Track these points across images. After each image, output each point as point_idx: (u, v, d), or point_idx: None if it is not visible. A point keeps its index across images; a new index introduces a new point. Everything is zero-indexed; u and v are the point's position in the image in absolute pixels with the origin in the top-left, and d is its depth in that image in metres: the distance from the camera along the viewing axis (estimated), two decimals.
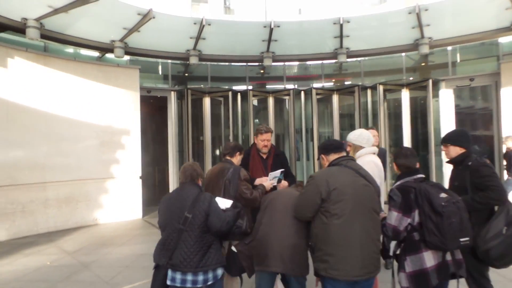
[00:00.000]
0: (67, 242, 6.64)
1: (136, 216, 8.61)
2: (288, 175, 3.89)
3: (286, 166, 4.07)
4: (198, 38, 8.06)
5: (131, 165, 8.64)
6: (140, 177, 8.80)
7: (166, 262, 2.65)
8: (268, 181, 3.58)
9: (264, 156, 4.05)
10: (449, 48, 9.47)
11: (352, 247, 2.40)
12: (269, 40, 8.29)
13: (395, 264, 2.74)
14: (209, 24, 7.50)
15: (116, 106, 8.47)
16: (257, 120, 11.01)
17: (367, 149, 3.40)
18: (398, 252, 2.73)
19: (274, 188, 3.61)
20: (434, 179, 9.10)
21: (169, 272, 2.67)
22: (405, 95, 9.88)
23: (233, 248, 3.02)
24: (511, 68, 8.40)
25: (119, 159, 8.47)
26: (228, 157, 3.44)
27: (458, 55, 9.78)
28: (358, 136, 3.45)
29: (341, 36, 8.13)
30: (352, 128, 10.65)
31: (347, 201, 2.43)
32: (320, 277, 2.56)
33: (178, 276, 2.62)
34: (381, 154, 4.72)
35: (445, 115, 9.47)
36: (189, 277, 2.60)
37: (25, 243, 6.61)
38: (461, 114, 9.83)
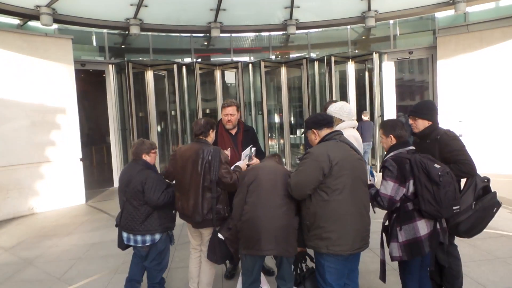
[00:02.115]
0: (1, 236, 5.89)
1: (79, 201, 7.92)
2: (258, 152, 3.65)
3: (256, 142, 3.84)
4: (139, 5, 7.35)
5: (69, 147, 7.83)
6: (81, 159, 8.05)
7: (117, 223, 3.29)
8: (242, 160, 3.37)
9: (233, 133, 3.78)
10: (391, 22, 9.80)
11: (353, 221, 2.46)
12: (218, 10, 7.86)
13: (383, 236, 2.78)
14: None
15: (47, 81, 7.49)
16: (203, 95, 10.59)
17: (347, 122, 3.32)
18: (386, 223, 2.77)
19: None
20: (378, 149, 9.60)
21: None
22: (351, 67, 10.12)
23: (220, 236, 2.82)
24: (447, 42, 8.96)
25: (54, 141, 7.62)
26: (202, 137, 3.14)
27: (398, 28, 10.17)
28: (339, 109, 3.35)
29: (291, 7, 7.97)
30: (299, 100, 10.75)
31: (348, 175, 2.45)
32: (318, 255, 2.57)
33: (125, 235, 3.23)
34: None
35: (387, 86, 9.92)
36: (131, 236, 3.18)
37: None
38: (401, 87, 10.37)
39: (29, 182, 7.29)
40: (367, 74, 10.21)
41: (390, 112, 9.95)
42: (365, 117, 9.16)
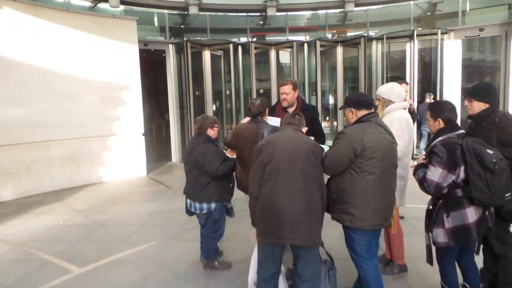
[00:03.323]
0: (75, 201, 6.58)
1: (140, 173, 8.53)
2: (316, 134, 3.44)
3: (316, 123, 3.77)
4: None
5: (132, 122, 8.40)
6: (143, 134, 8.61)
7: (184, 191, 3.59)
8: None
9: (290, 111, 3.74)
10: None
11: (378, 201, 2.55)
12: None
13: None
14: None
15: (114, 60, 8.03)
16: (258, 75, 10.68)
17: (397, 104, 3.25)
18: (430, 208, 2.72)
19: None
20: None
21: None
22: (413, 46, 9.54)
23: None
24: None
25: (120, 116, 8.21)
26: (260, 117, 3.29)
27: (467, 3, 9.36)
28: (389, 90, 3.28)
29: None
30: (355, 82, 10.43)
31: (379, 158, 2.51)
32: (344, 227, 2.68)
33: (188, 201, 3.54)
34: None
35: (453, 67, 9.25)
36: (192, 203, 3.47)
37: (33, 202, 6.52)
38: (468, 67, 9.62)
39: (99, 153, 7.97)
40: (430, 53, 9.59)
41: (456, 95, 9.31)
42: (428, 99, 8.73)
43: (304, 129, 2.80)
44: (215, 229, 3.56)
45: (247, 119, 3.54)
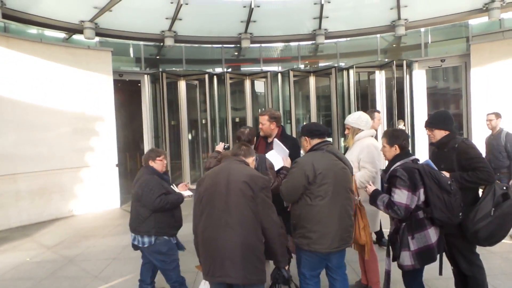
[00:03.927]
0: (44, 236, 6.30)
1: (114, 205, 8.30)
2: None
3: (294, 155, 3.57)
4: (174, 18, 7.71)
5: (106, 153, 8.26)
6: (117, 165, 8.46)
7: (129, 223, 3.50)
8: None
9: (269, 141, 3.85)
10: (422, 29, 9.66)
11: (333, 224, 2.70)
12: (248, 21, 8.08)
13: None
14: (187, 4, 7.18)
15: (89, 91, 7.98)
16: (233, 104, 10.85)
17: (366, 131, 3.42)
18: (392, 232, 2.84)
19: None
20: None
21: None
22: (380, 76, 10.03)
23: None
24: (480, 49, 8.71)
25: (93, 147, 8.07)
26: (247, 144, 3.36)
27: (429, 36, 10.00)
28: (357, 118, 3.46)
29: (320, 17, 8.06)
30: (328, 109, 10.76)
31: (329, 184, 2.68)
32: (301, 251, 2.80)
33: (132, 234, 3.43)
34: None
35: (418, 95, 9.74)
36: (135, 236, 3.38)
37: None
38: (433, 95, 10.15)
39: (70, 186, 7.74)
40: (397, 83, 10.08)
41: (421, 121, 9.75)
42: (400, 125, 9.12)
43: (250, 159, 2.72)
44: (169, 261, 3.40)
45: (221, 145, 3.69)
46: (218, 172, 2.55)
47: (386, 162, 2.93)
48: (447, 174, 2.82)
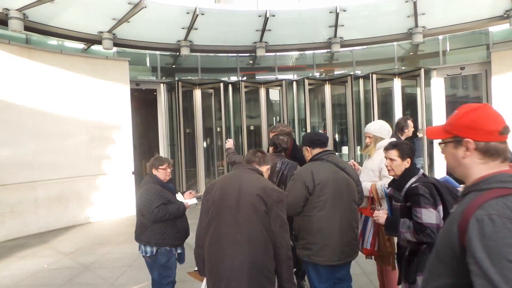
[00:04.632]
0: (61, 243, 6.43)
1: (130, 212, 8.35)
2: None
3: None
4: (190, 28, 7.83)
5: (122, 161, 8.41)
6: (133, 173, 8.60)
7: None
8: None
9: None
10: (440, 37, 9.55)
11: (333, 236, 2.67)
12: (263, 30, 8.15)
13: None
14: (203, 14, 7.30)
15: (106, 100, 8.18)
16: (248, 112, 10.91)
17: (387, 140, 3.39)
18: (408, 254, 2.50)
19: None
20: (427, 168, 9.27)
21: None
22: (397, 84, 9.95)
23: None
24: (501, 56, 8.56)
25: (110, 155, 8.23)
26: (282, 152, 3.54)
27: (448, 44, 9.87)
28: (380, 127, 3.44)
29: (336, 26, 8.06)
30: (343, 118, 10.70)
31: (328, 194, 2.65)
32: (303, 262, 2.81)
33: (138, 244, 3.43)
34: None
35: (436, 104, 9.61)
36: (139, 245, 3.38)
37: (17, 245, 6.36)
38: (452, 103, 9.98)
39: (87, 193, 7.90)
40: (414, 91, 9.98)
41: None
42: (420, 134, 9.07)
43: (265, 168, 2.50)
44: (165, 275, 3.40)
45: (231, 141, 4.08)
46: (229, 181, 2.38)
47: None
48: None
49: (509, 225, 0.99)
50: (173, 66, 10.84)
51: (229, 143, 4.15)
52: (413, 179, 2.50)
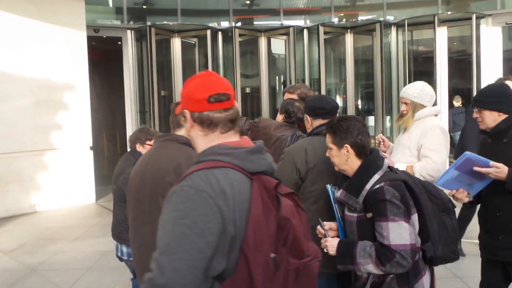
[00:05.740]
0: (0, 237, 6.46)
1: (88, 200, 8.42)
2: None
3: None
4: None
5: (77, 132, 8.35)
6: (91, 148, 8.56)
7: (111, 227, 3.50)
8: None
9: None
10: None
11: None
12: None
13: None
14: None
15: (55, 52, 8.02)
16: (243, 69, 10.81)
17: (429, 109, 3.32)
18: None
19: None
20: None
21: None
22: (441, 35, 9.80)
23: None
24: None
25: (61, 124, 8.15)
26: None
27: None
28: (420, 91, 3.34)
29: None
30: (369, 78, 10.63)
31: (326, 182, 2.43)
32: None
33: (115, 242, 3.44)
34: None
35: (491, 60, 9.51)
36: (119, 246, 3.38)
37: None
38: (511, 60, 9.92)
39: (31, 174, 7.87)
40: (463, 43, 9.87)
41: None
42: (457, 102, 9.00)
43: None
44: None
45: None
46: (140, 161, 2.46)
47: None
48: (505, 170, 2.45)
49: (195, 196, 1.21)
50: (144, 6, 10.63)
51: None
52: (375, 177, 2.12)
